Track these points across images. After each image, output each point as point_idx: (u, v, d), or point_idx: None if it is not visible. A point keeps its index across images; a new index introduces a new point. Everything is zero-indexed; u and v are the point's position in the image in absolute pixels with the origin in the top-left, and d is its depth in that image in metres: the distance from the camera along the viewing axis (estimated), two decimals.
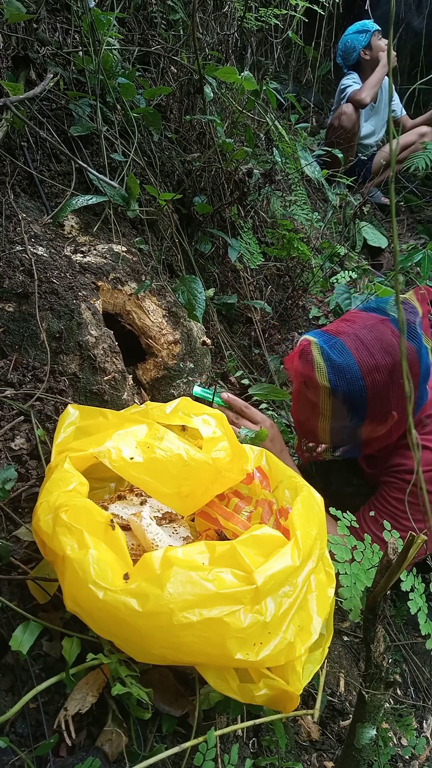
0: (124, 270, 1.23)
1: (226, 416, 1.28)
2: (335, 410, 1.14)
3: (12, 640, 0.70)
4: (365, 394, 1.08)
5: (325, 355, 1.10)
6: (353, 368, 1.08)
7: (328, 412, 1.15)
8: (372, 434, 1.16)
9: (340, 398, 1.11)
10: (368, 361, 1.07)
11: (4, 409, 0.91)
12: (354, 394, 1.09)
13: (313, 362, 1.12)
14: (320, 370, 1.11)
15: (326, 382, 1.10)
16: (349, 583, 0.85)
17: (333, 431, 1.19)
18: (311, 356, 1.12)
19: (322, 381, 1.11)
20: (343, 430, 1.17)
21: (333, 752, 1.01)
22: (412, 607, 0.83)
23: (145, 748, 0.75)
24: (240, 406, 1.32)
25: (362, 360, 1.07)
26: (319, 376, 1.11)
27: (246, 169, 1.72)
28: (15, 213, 1.15)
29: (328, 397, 1.12)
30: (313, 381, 1.12)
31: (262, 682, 0.70)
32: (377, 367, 1.07)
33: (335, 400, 1.12)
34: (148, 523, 0.82)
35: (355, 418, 1.13)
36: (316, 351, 1.12)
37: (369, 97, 3.12)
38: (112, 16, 1.29)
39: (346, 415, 1.13)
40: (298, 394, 1.21)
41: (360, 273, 2.37)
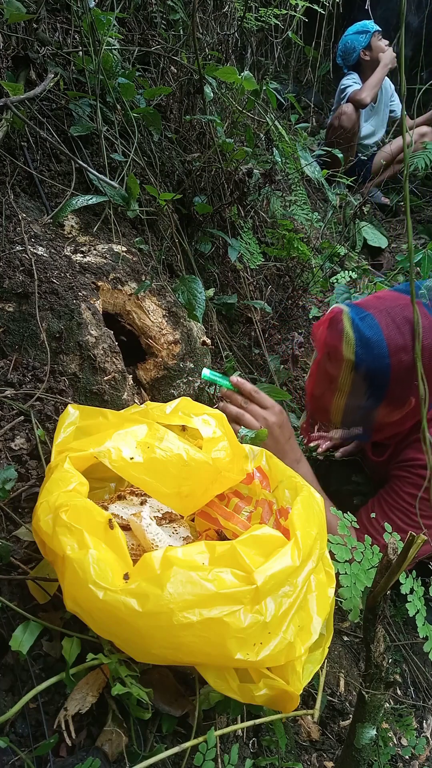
0: (124, 270, 1.23)
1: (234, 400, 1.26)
2: (354, 387, 1.10)
3: (12, 640, 0.70)
4: (389, 373, 1.05)
5: (355, 327, 1.07)
6: (381, 344, 1.04)
7: (346, 387, 1.11)
8: (386, 418, 1.13)
9: (362, 374, 1.08)
10: (397, 339, 1.04)
11: (4, 409, 0.91)
12: (377, 371, 1.06)
13: (343, 332, 1.08)
14: (348, 342, 1.07)
15: (352, 355, 1.07)
16: (349, 583, 0.85)
17: (347, 410, 1.15)
18: (341, 325, 1.08)
19: (348, 353, 1.07)
20: (357, 409, 1.14)
21: (333, 752, 1.01)
22: (411, 609, 0.83)
23: (145, 748, 0.75)
24: (249, 390, 1.27)
25: (391, 338, 1.04)
26: (345, 348, 1.07)
27: (246, 169, 1.72)
28: (15, 213, 1.15)
29: (350, 372, 1.09)
30: (337, 352, 1.09)
31: (262, 682, 0.70)
32: (405, 348, 1.04)
33: (356, 376, 1.09)
34: (148, 523, 0.82)
35: (372, 398, 1.10)
36: (346, 321, 1.08)
37: (369, 97, 3.12)
38: (112, 16, 1.29)
39: (364, 393, 1.10)
40: (318, 366, 1.17)
41: (360, 273, 2.37)
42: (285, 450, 1.20)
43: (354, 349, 1.07)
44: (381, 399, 1.09)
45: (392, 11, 3.88)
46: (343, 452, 1.66)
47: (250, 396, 1.25)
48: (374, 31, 3.15)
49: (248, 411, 1.22)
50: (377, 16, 3.51)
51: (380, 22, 3.24)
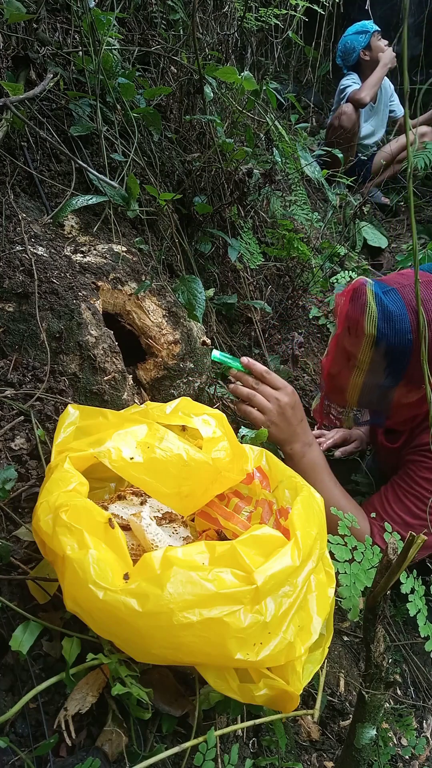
0: (124, 270, 1.23)
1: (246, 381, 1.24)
2: (373, 364, 1.08)
3: (12, 640, 0.70)
4: (410, 350, 1.03)
5: (378, 300, 1.05)
6: (404, 320, 1.02)
7: (365, 365, 1.09)
8: (403, 399, 1.11)
9: (382, 351, 1.06)
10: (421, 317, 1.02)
11: (4, 409, 0.91)
12: (399, 348, 1.03)
13: (366, 304, 1.06)
14: (371, 315, 1.05)
15: (374, 329, 1.04)
16: (349, 583, 0.85)
17: (364, 389, 1.13)
18: (364, 298, 1.06)
19: (370, 327, 1.05)
20: (375, 389, 1.12)
21: (333, 752, 1.01)
22: (411, 609, 0.83)
23: (145, 748, 0.75)
24: (260, 371, 1.25)
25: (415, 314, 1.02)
26: (367, 321, 1.05)
27: (246, 169, 1.72)
28: (15, 213, 1.15)
29: (370, 348, 1.06)
30: (358, 327, 1.07)
31: (262, 682, 0.70)
32: (429, 324, 1.01)
33: (376, 353, 1.07)
34: (147, 524, 0.82)
35: (391, 376, 1.08)
36: (370, 294, 1.06)
37: (369, 97, 3.12)
38: (112, 16, 1.29)
39: (383, 371, 1.08)
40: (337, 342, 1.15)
41: (360, 273, 2.37)
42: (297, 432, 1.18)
43: (376, 323, 1.04)
44: (400, 377, 1.07)
45: (392, 11, 3.88)
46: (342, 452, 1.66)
47: (261, 377, 1.23)
48: (374, 31, 3.15)
49: (260, 392, 1.20)
50: (377, 17, 3.51)
51: (380, 23, 3.24)
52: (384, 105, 3.45)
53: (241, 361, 1.26)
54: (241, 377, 1.24)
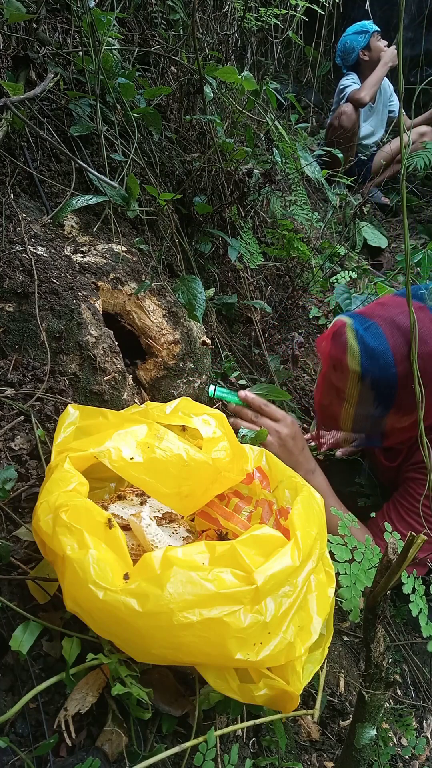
0: (124, 270, 1.23)
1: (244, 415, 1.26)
2: (362, 396, 1.10)
3: (12, 640, 0.70)
4: (396, 382, 1.04)
5: (359, 338, 1.06)
6: (387, 354, 1.03)
7: (354, 398, 1.10)
8: (396, 425, 1.12)
9: (369, 384, 1.07)
10: (403, 348, 1.03)
11: (4, 409, 0.91)
12: (384, 381, 1.05)
13: (347, 344, 1.07)
14: (353, 354, 1.06)
15: (357, 367, 1.06)
16: (349, 583, 0.85)
17: (356, 418, 1.14)
18: (345, 338, 1.08)
19: (353, 365, 1.06)
20: (367, 418, 1.13)
21: (333, 752, 1.01)
22: (413, 609, 0.83)
23: (145, 748, 0.75)
24: (259, 404, 1.28)
25: (397, 346, 1.03)
26: (350, 360, 1.06)
27: (246, 169, 1.72)
28: (15, 213, 1.15)
29: (357, 383, 1.08)
30: (342, 364, 1.08)
31: (262, 682, 0.70)
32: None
33: (363, 386, 1.08)
34: (147, 524, 0.82)
35: (381, 407, 1.09)
36: (350, 333, 1.07)
37: (368, 96, 3.12)
38: (112, 16, 1.29)
39: (373, 402, 1.09)
40: (324, 377, 1.16)
41: (360, 273, 2.37)
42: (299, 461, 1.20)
43: (359, 360, 1.06)
44: (390, 407, 1.09)
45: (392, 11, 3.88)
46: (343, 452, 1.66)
47: (260, 410, 1.26)
48: (373, 31, 3.15)
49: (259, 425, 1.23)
50: (377, 17, 3.51)
51: (380, 23, 3.24)
52: (383, 105, 3.45)
53: (239, 395, 1.29)
54: (240, 411, 1.26)
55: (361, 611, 0.84)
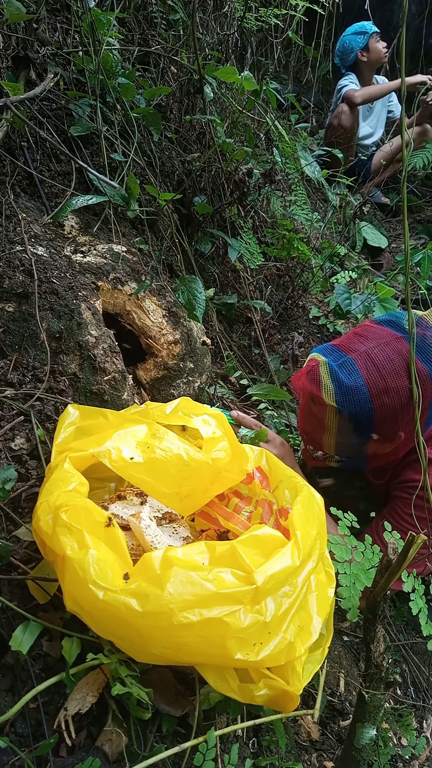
0: (124, 270, 1.23)
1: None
2: (341, 427, 1.12)
3: (12, 640, 0.70)
4: (372, 416, 1.06)
5: (334, 376, 1.08)
6: (362, 390, 1.05)
7: (334, 428, 1.13)
8: (378, 451, 1.14)
9: (347, 417, 1.09)
10: (378, 383, 1.04)
11: (4, 409, 0.91)
12: (361, 415, 1.07)
13: (321, 383, 1.09)
14: (327, 391, 1.08)
15: (333, 403, 1.08)
16: (348, 583, 0.85)
17: (338, 446, 1.17)
18: (319, 377, 1.10)
19: (329, 401, 1.08)
20: (349, 445, 1.15)
21: (333, 752, 1.01)
22: (414, 608, 0.83)
23: (145, 748, 0.75)
24: (249, 424, 1.32)
25: (372, 382, 1.04)
26: (326, 397, 1.08)
27: (246, 169, 1.72)
28: (15, 213, 1.15)
29: (335, 416, 1.10)
30: (319, 399, 1.10)
31: (262, 682, 0.70)
32: (387, 390, 1.04)
33: (341, 419, 1.10)
34: (146, 525, 0.82)
35: (360, 437, 1.11)
36: (324, 371, 1.09)
37: (360, 99, 3.13)
38: (112, 16, 1.29)
39: (352, 432, 1.11)
40: (305, 408, 1.19)
41: (360, 273, 2.37)
42: None
43: (334, 398, 1.08)
44: (369, 438, 1.11)
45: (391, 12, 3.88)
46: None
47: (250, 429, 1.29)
48: (372, 32, 3.15)
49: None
50: (376, 18, 3.51)
51: (379, 24, 3.24)
52: (383, 105, 3.44)
53: (230, 414, 1.32)
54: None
55: (360, 612, 0.84)
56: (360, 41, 3.17)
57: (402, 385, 1.04)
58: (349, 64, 3.27)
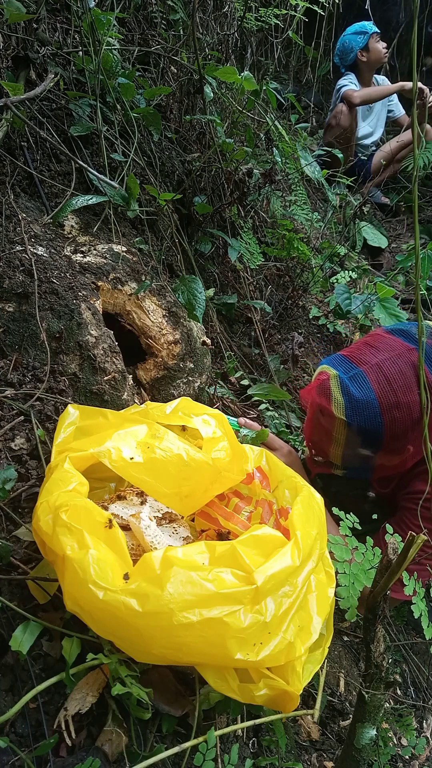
0: (124, 270, 1.23)
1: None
2: (349, 439, 1.11)
3: (12, 640, 0.70)
4: (382, 430, 1.05)
5: (344, 389, 1.06)
6: (373, 404, 1.03)
7: (341, 440, 1.12)
8: (385, 462, 1.13)
9: (355, 430, 1.08)
10: (389, 397, 1.03)
11: (4, 409, 0.91)
12: (370, 429, 1.05)
13: (331, 396, 1.07)
14: (337, 405, 1.07)
15: (342, 416, 1.07)
16: (348, 583, 0.85)
17: (345, 456, 1.16)
18: (329, 391, 1.08)
19: (339, 415, 1.07)
20: (356, 457, 1.14)
21: (333, 752, 1.01)
22: (415, 611, 0.83)
23: (145, 748, 0.75)
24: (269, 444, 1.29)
25: (383, 396, 1.03)
26: (335, 410, 1.07)
27: (246, 169, 1.72)
28: (15, 213, 1.15)
29: (343, 428, 1.09)
30: (328, 412, 1.09)
31: (262, 682, 0.70)
32: (398, 405, 1.02)
33: (350, 431, 1.09)
34: (146, 525, 0.82)
35: (369, 449, 1.10)
36: (334, 385, 1.08)
37: (358, 100, 3.13)
38: (112, 16, 1.29)
39: (360, 445, 1.10)
40: (312, 419, 1.17)
41: (360, 273, 2.37)
42: None
43: (344, 411, 1.06)
44: (377, 450, 1.09)
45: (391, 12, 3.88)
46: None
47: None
48: (372, 32, 3.15)
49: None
50: (376, 17, 3.50)
51: (379, 24, 3.24)
52: (383, 105, 3.44)
53: (238, 422, 1.31)
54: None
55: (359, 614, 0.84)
56: (360, 41, 3.17)
57: (413, 400, 1.02)
58: (349, 64, 3.27)
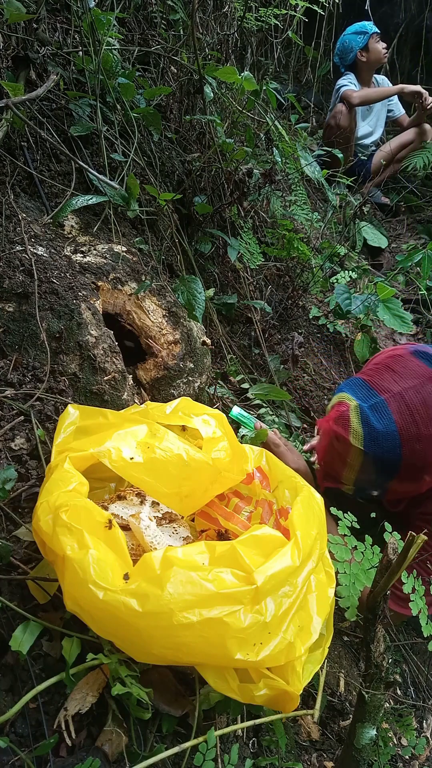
0: (124, 270, 1.23)
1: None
2: (364, 467, 1.07)
3: (12, 640, 0.70)
4: (400, 461, 1.01)
5: (364, 420, 1.02)
6: (393, 436, 1.00)
7: (356, 466, 1.08)
8: (399, 489, 1.10)
9: (371, 460, 1.04)
10: (410, 429, 0.99)
11: (4, 409, 0.91)
12: (388, 459, 1.02)
13: (350, 428, 1.04)
14: (356, 435, 1.03)
15: (360, 446, 1.03)
16: (348, 582, 0.85)
17: (358, 481, 1.12)
18: (349, 422, 1.05)
19: (356, 445, 1.04)
20: (368, 481, 1.11)
21: (333, 752, 1.01)
22: (413, 608, 0.83)
23: (145, 748, 0.75)
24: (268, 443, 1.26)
25: (404, 428, 0.99)
26: (353, 440, 1.04)
27: (246, 169, 1.72)
28: (15, 213, 1.15)
29: (359, 456, 1.05)
30: (345, 441, 1.05)
31: (262, 682, 0.70)
32: (419, 437, 0.99)
33: (366, 460, 1.05)
34: (146, 525, 0.82)
35: (383, 476, 1.07)
36: (354, 417, 1.04)
37: (357, 100, 3.13)
38: (112, 16, 1.29)
39: (375, 472, 1.07)
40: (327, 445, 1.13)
41: (360, 273, 2.37)
42: None
43: (363, 442, 1.03)
44: (392, 478, 1.06)
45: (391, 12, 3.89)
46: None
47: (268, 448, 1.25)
48: (372, 32, 3.14)
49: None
50: (376, 18, 3.51)
51: (379, 24, 3.24)
52: (382, 105, 3.44)
53: (254, 425, 1.32)
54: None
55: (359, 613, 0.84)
56: (360, 41, 3.17)
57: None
58: (349, 64, 3.27)
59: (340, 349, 2.12)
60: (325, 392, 1.95)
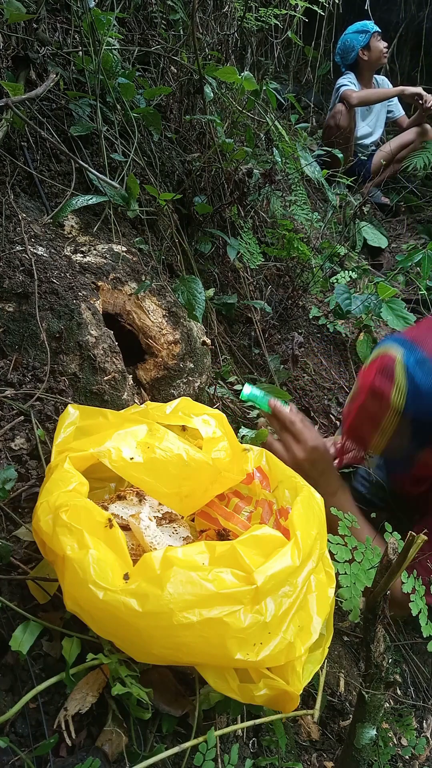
0: (124, 270, 1.23)
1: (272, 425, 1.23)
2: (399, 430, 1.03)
3: (12, 640, 0.70)
4: None
5: (410, 377, 0.98)
6: None
7: (389, 430, 1.04)
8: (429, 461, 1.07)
9: (409, 421, 1.01)
10: None
11: (4, 409, 0.91)
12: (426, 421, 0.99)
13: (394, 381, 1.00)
14: (399, 392, 0.99)
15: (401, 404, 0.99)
16: (349, 584, 0.85)
17: (388, 447, 1.08)
18: (393, 375, 1.00)
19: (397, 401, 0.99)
20: (399, 448, 1.07)
21: (333, 752, 1.01)
22: (413, 608, 0.83)
23: (145, 748, 0.75)
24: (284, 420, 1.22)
25: None
26: (395, 397, 1.00)
27: (246, 169, 1.72)
28: (15, 213, 1.15)
29: (396, 417, 1.01)
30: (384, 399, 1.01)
31: (262, 682, 0.70)
32: None
33: (402, 421, 1.01)
34: (146, 525, 0.82)
35: (417, 442, 1.04)
36: (399, 370, 1.00)
37: (356, 100, 3.13)
38: (112, 16, 1.29)
39: (409, 436, 1.03)
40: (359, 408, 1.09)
41: (360, 273, 2.37)
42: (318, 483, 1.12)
43: (405, 400, 0.99)
44: (427, 444, 1.03)
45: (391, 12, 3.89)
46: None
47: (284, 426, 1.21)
48: (374, 31, 3.15)
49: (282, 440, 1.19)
50: (376, 17, 3.51)
51: (380, 24, 3.24)
52: (382, 105, 3.44)
53: (269, 403, 1.25)
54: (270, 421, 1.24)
55: (361, 611, 0.83)
56: (361, 39, 3.17)
57: None
58: (350, 63, 3.27)
59: (340, 349, 2.12)
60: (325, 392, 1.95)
